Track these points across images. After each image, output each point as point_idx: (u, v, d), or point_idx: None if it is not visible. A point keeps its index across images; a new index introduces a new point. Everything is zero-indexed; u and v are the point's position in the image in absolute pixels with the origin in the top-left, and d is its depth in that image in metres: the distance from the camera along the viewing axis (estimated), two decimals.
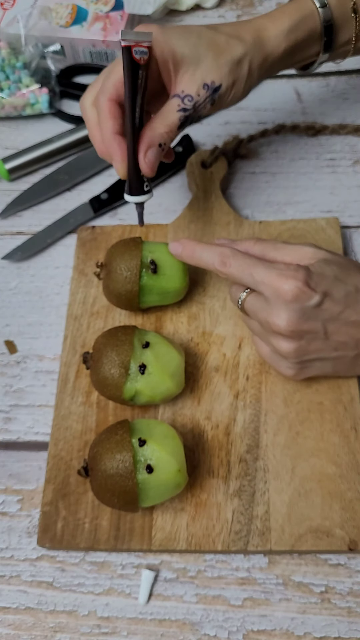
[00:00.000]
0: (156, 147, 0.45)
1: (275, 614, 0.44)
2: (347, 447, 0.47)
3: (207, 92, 0.46)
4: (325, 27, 0.50)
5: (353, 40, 0.52)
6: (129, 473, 0.41)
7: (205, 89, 0.46)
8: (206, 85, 0.46)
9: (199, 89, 0.46)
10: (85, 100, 0.48)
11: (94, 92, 0.47)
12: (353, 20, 0.50)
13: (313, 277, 0.42)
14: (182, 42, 0.45)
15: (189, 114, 0.46)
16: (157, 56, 0.45)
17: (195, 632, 0.44)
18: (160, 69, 0.46)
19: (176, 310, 0.55)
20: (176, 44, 0.45)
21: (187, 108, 0.46)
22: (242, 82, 0.48)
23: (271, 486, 0.46)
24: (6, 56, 0.69)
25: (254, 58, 0.48)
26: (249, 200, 0.62)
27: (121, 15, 0.71)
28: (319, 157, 0.64)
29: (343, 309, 0.43)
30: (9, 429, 0.53)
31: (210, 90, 0.46)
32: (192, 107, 0.46)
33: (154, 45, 0.44)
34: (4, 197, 0.65)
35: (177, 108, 0.46)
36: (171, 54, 0.45)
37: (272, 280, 0.42)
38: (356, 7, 0.50)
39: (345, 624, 0.43)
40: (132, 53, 0.42)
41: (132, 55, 0.42)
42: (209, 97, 0.47)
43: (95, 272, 0.53)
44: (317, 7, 0.49)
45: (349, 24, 0.51)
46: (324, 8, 0.49)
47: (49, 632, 0.45)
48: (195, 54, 0.45)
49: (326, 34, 0.50)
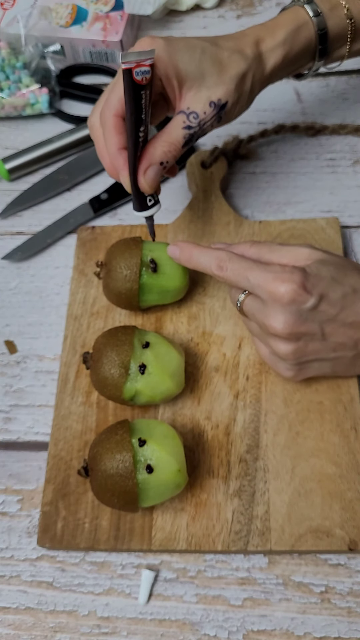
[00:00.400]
0: (157, 166, 0.45)
1: (275, 614, 0.44)
2: (347, 447, 0.47)
3: (214, 110, 0.46)
4: (320, 35, 0.50)
5: (348, 45, 0.52)
6: (129, 473, 0.41)
7: (212, 107, 0.46)
8: (213, 103, 0.46)
9: (205, 107, 0.46)
10: (93, 119, 0.48)
11: (100, 110, 0.47)
12: (347, 27, 0.51)
13: (309, 278, 0.42)
14: (186, 58, 0.45)
15: (194, 132, 0.46)
16: (160, 73, 0.45)
17: (195, 632, 0.44)
18: (164, 85, 0.46)
19: (176, 310, 0.55)
20: (180, 60, 0.45)
21: (192, 125, 0.46)
22: (246, 97, 0.49)
23: (271, 486, 0.46)
24: (6, 56, 0.69)
25: (256, 72, 0.48)
26: (248, 200, 0.62)
27: (121, 15, 0.71)
28: (319, 157, 0.64)
29: (340, 311, 0.43)
30: (9, 429, 0.53)
31: (217, 108, 0.46)
32: (197, 124, 0.46)
33: (156, 62, 0.43)
34: (4, 197, 0.65)
35: (182, 125, 0.46)
36: (175, 71, 0.45)
37: (268, 283, 0.42)
38: (350, 14, 0.50)
39: (345, 624, 0.43)
40: (133, 75, 0.41)
41: (134, 77, 0.41)
42: (216, 115, 0.47)
43: (95, 271, 0.53)
44: (311, 17, 0.49)
45: (343, 31, 0.51)
46: (318, 17, 0.49)
47: (49, 632, 0.45)
48: (200, 71, 0.45)
49: (321, 41, 0.50)
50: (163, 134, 0.46)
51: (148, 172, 0.45)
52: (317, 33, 0.50)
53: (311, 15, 0.49)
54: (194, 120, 0.46)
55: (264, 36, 0.49)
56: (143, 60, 0.41)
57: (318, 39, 0.50)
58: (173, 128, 0.46)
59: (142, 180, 0.45)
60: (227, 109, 0.47)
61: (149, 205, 0.47)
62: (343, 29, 0.51)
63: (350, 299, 0.43)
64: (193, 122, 0.46)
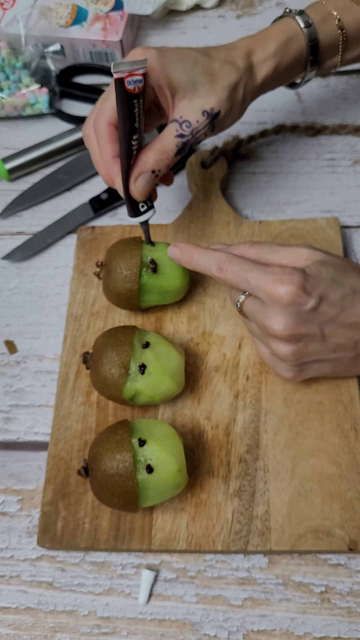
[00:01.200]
0: (148, 174, 0.46)
1: (275, 614, 0.44)
2: (347, 447, 0.47)
3: (207, 119, 0.47)
4: (311, 47, 0.50)
5: (339, 55, 0.53)
6: (129, 473, 0.41)
7: (205, 116, 0.47)
8: (206, 112, 0.47)
9: (198, 116, 0.47)
10: (87, 128, 0.48)
11: (93, 119, 0.47)
12: (339, 37, 0.51)
13: (309, 280, 0.42)
14: (178, 68, 0.46)
15: (186, 140, 0.47)
16: (153, 82, 0.45)
17: (195, 632, 0.44)
18: (157, 94, 0.47)
19: (176, 310, 0.55)
20: (172, 70, 0.45)
21: (185, 134, 0.46)
22: (238, 106, 0.49)
23: (271, 486, 0.46)
24: (6, 56, 0.69)
25: (247, 83, 0.49)
26: (248, 200, 0.62)
27: (121, 15, 0.71)
28: (319, 157, 0.64)
29: (340, 312, 0.43)
30: (9, 429, 0.53)
31: (210, 117, 0.47)
32: (190, 133, 0.47)
33: (149, 71, 0.44)
34: (4, 197, 0.65)
35: (175, 134, 0.46)
36: (167, 80, 0.45)
37: (267, 285, 0.42)
38: (341, 24, 0.51)
39: (345, 624, 0.43)
40: (125, 84, 0.41)
41: (126, 87, 0.41)
42: (209, 124, 0.47)
43: (95, 271, 0.53)
44: (302, 28, 0.50)
45: (335, 41, 0.51)
46: (309, 28, 0.50)
47: (49, 632, 0.45)
48: (192, 80, 0.46)
49: (312, 52, 0.51)
50: (156, 142, 0.46)
51: (139, 179, 0.46)
52: (308, 44, 0.50)
53: (302, 27, 0.50)
54: (186, 128, 0.46)
55: (254, 48, 0.49)
56: (135, 70, 0.42)
57: (309, 49, 0.50)
58: (166, 136, 0.46)
59: (132, 187, 0.46)
60: (219, 118, 0.48)
61: (141, 211, 0.48)
62: (334, 39, 0.51)
63: (350, 300, 0.43)
64: (186, 130, 0.46)
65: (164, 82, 0.45)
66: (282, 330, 0.42)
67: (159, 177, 0.47)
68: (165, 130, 0.47)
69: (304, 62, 0.52)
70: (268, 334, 0.44)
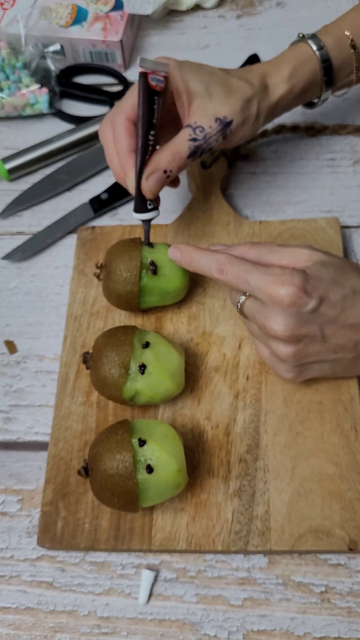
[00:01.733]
0: (160, 173, 0.48)
1: (275, 614, 0.44)
2: (347, 447, 0.47)
3: (219, 125, 0.49)
4: (324, 68, 0.52)
5: (354, 74, 0.55)
6: (129, 473, 0.41)
7: (218, 123, 0.49)
8: (218, 119, 0.49)
9: (211, 122, 0.48)
10: (104, 125, 0.50)
11: (111, 116, 0.49)
12: (352, 56, 0.53)
13: (309, 281, 0.42)
14: (196, 77, 0.48)
15: (199, 144, 0.48)
16: (172, 87, 0.48)
17: (195, 632, 0.44)
18: (175, 99, 0.49)
19: (176, 311, 0.55)
20: (190, 78, 0.48)
21: (198, 138, 0.48)
22: (251, 122, 0.51)
23: (271, 486, 0.46)
24: (6, 56, 0.69)
25: (262, 100, 0.51)
26: (249, 200, 0.62)
27: (121, 15, 0.71)
28: (319, 157, 0.64)
29: (340, 313, 0.43)
30: (9, 429, 0.53)
31: (222, 124, 0.49)
32: (202, 138, 0.48)
33: (169, 76, 0.47)
34: (4, 197, 0.65)
35: (188, 137, 0.48)
36: (185, 87, 0.48)
37: (268, 286, 0.42)
38: (354, 43, 0.53)
39: (345, 624, 0.43)
40: (148, 79, 0.45)
41: (148, 81, 0.45)
42: (221, 131, 0.49)
43: (95, 273, 0.53)
44: (315, 50, 0.52)
45: (348, 60, 0.53)
46: (321, 50, 0.52)
47: (49, 632, 0.45)
48: (208, 89, 0.48)
49: (326, 73, 0.53)
50: (170, 144, 0.48)
51: (151, 177, 0.47)
52: (321, 65, 0.52)
53: (314, 49, 0.52)
54: (199, 133, 0.48)
55: (269, 71, 0.52)
56: (158, 71, 0.46)
57: (323, 70, 0.53)
58: (179, 139, 0.48)
59: (144, 184, 0.48)
60: (232, 127, 0.49)
61: (148, 209, 0.49)
62: (347, 58, 0.53)
63: (350, 300, 0.43)
64: (199, 135, 0.48)
65: (182, 87, 0.48)
66: (282, 331, 0.42)
67: (170, 178, 0.49)
68: (179, 134, 0.49)
69: (319, 83, 0.54)
70: (268, 334, 0.44)
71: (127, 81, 0.72)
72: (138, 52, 0.75)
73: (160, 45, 0.75)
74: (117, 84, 0.73)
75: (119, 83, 0.72)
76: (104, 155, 0.65)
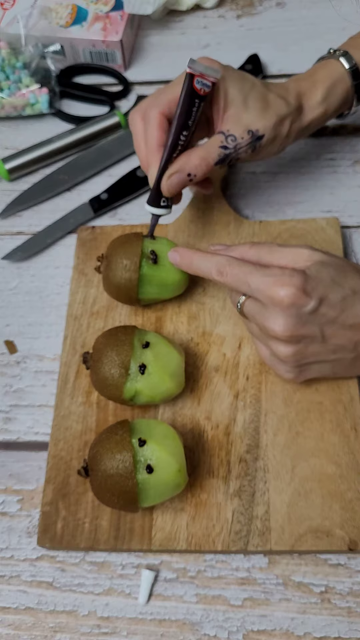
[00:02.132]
0: (184, 175, 0.48)
1: (275, 614, 0.44)
2: (347, 447, 0.47)
3: (250, 138, 0.49)
4: (356, 85, 0.53)
5: None
6: (129, 473, 0.41)
7: (250, 135, 0.49)
8: (251, 131, 0.49)
9: (244, 133, 0.49)
10: (136, 113, 0.50)
11: (145, 106, 0.49)
12: None
13: (309, 281, 0.42)
14: (237, 85, 0.48)
15: (228, 153, 0.49)
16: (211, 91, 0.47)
17: (195, 632, 0.44)
18: (212, 103, 0.49)
19: (176, 310, 0.55)
20: (230, 85, 0.48)
21: (228, 147, 0.48)
22: (280, 140, 0.51)
23: (271, 486, 0.46)
24: (6, 56, 0.69)
25: (295, 121, 0.51)
26: (249, 200, 0.62)
27: (121, 15, 0.71)
28: (319, 157, 0.64)
29: (340, 313, 0.43)
30: (9, 429, 0.53)
31: (254, 137, 0.49)
32: (233, 147, 0.49)
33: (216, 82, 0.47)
34: (4, 197, 0.65)
35: (219, 144, 0.48)
36: (224, 93, 0.48)
37: (267, 287, 0.42)
38: None
39: (345, 624, 0.43)
40: (194, 82, 0.45)
41: (194, 84, 0.45)
42: (251, 144, 0.49)
43: (96, 265, 0.53)
44: (347, 69, 0.52)
45: None
46: (354, 69, 0.52)
47: (49, 632, 0.45)
48: (245, 100, 0.49)
49: (357, 90, 0.53)
50: (199, 148, 0.48)
51: (174, 177, 0.48)
52: (353, 83, 0.52)
53: (347, 67, 0.52)
54: (231, 142, 0.48)
55: (305, 91, 0.52)
56: (207, 75, 0.45)
57: (354, 88, 0.53)
58: (210, 145, 0.48)
59: (164, 181, 0.48)
60: (262, 142, 0.50)
61: (161, 205, 0.50)
62: None
63: (350, 301, 0.43)
64: (230, 143, 0.48)
65: (221, 93, 0.48)
66: (282, 331, 0.42)
67: (192, 181, 0.49)
68: (211, 140, 0.49)
69: (350, 100, 0.54)
70: (268, 335, 0.44)
71: (127, 81, 0.72)
72: (138, 52, 0.75)
73: (160, 45, 0.75)
74: (117, 84, 0.73)
75: (119, 83, 0.72)
76: (104, 155, 0.66)
